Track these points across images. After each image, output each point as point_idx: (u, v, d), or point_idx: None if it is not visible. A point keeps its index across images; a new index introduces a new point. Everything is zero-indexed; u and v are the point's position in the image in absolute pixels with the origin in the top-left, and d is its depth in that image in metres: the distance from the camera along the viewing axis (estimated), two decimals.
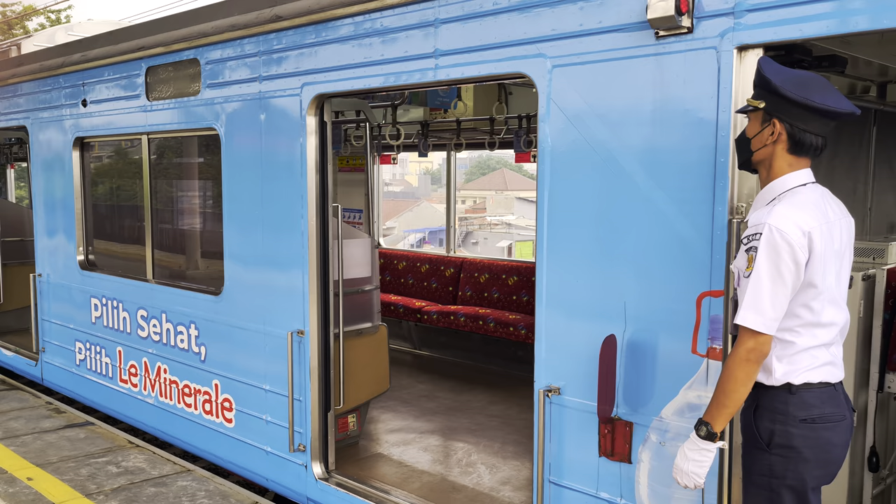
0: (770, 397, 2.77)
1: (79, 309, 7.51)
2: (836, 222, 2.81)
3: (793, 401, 2.73)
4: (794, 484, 2.75)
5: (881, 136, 5.37)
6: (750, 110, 2.87)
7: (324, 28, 4.81)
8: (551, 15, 3.71)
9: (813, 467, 2.74)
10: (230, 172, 5.62)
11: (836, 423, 2.76)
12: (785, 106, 2.72)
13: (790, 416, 2.73)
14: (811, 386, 2.74)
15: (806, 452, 2.72)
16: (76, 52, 7.16)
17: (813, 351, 2.77)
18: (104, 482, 5.74)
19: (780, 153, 2.80)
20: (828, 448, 2.74)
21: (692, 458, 2.81)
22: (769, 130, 2.79)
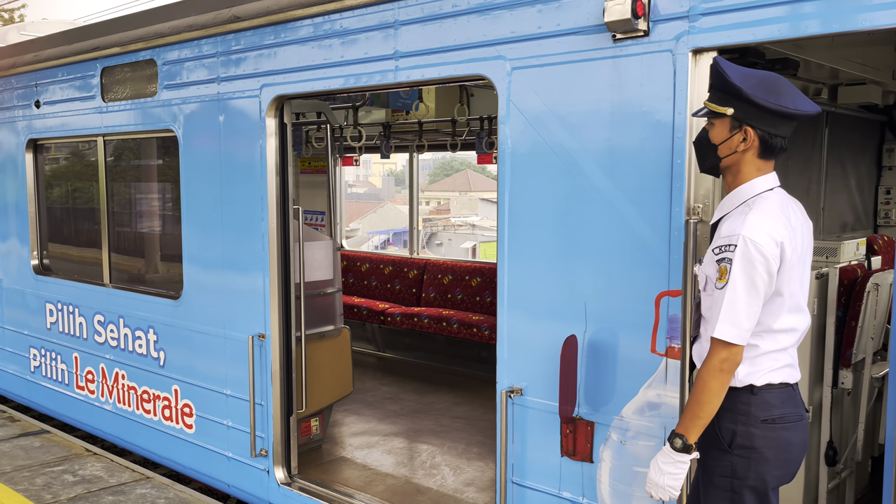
0: (732, 398, 2.77)
1: (33, 314, 7.35)
2: (798, 228, 2.81)
3: (754, 401, 2.75)
4: (756, 484, 2.76)
5: (833, 137, 5.50)
6: (713, 116, 2.80)
7: (283, 29, 4.77)
8: (510, 17, 3.72)
9: (773, 467, 2.76)
10: (188, 175, 5.55)
11: (794, 423, 2.78)
12: (757, 113, 2.68)
13: (752, 416, 2.75)
14: (772, 387, 2.77)
15: (767, 452, 2.74)
16: (29, 52, 7.00)
17: (775, 354, 2.79)
18: (60, 491, 5.62)
19: (749, 158, 2.77)
20: (788, 448, 2.77)
21: (667, 472, 2.77)
22: (739, 137, 2.75)
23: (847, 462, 4.58)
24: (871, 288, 4.27)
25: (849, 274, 4.36)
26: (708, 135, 2.84)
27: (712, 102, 2.79)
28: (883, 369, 4.52)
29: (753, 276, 2.63)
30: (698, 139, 2.92)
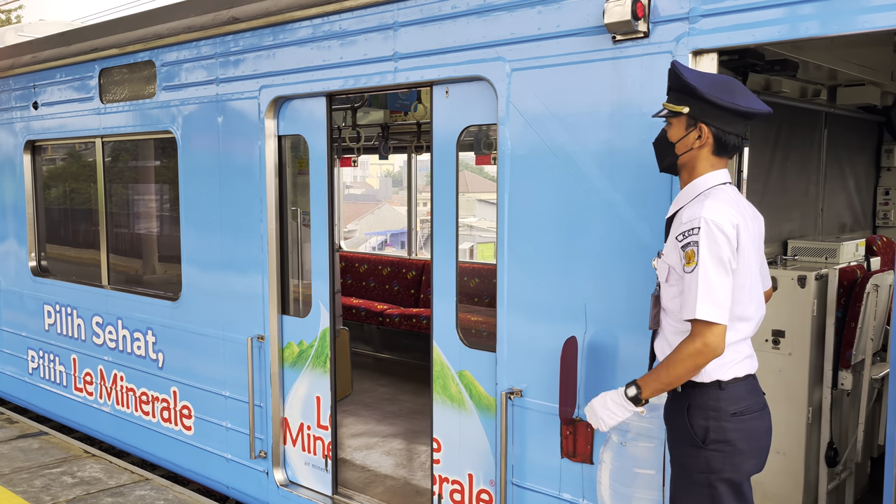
0: (701, 395, 2.83)
1: (31, 316, 7.33)
2: (751, 221, 2.88)
3: (723, 396, 2.80)
4: (732, 476, 2.82)
5: (832, 138, 5.50)
6: (671, 115, 2.89)
7: (282, 30, 4.77)
8: (510, 19, 3.72)
9: (748, 457, 2.82)
10: (187, 176, 5.54)
11: (760, 412, 2.86)
12: (711, 111, 2.78)
13: (722, 411, 2.80)
14: (738, 380, 2.83)
15: (741, 444, 2.80)
16: (27, 54, 6.99)
17: (737, 345, 2.84)
18: (59, 493, 5.61)
19: (704, 155, 2.86)
20: (758, 437, 2.84)
21: (610, 409, 2.93)
22: (695, 135, 2.84)
23: (847, 463, 4.58)
24: (871, 289, 4.27)
25: (848, 275, 4.36)
26: (665, 134, 2.95)
27: (670, 103, 2.89)
28: (882, 370, 4.52)
29: (720, 255, 2.70)
30: (657, 140, 3.01)
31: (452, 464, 4.29)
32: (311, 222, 4.76)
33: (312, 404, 4.89)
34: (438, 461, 4.35)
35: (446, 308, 4.25)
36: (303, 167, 8.13)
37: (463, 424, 4.21)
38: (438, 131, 4.20)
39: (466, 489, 4.23)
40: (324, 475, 4.88)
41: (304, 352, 4.91)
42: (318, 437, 4.87)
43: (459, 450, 4.24)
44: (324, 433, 4.84)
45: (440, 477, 4.35)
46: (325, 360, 4.78)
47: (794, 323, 4.21)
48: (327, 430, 4.82)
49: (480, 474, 4.15)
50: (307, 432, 4.94)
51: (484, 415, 4.09)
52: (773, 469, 4.25)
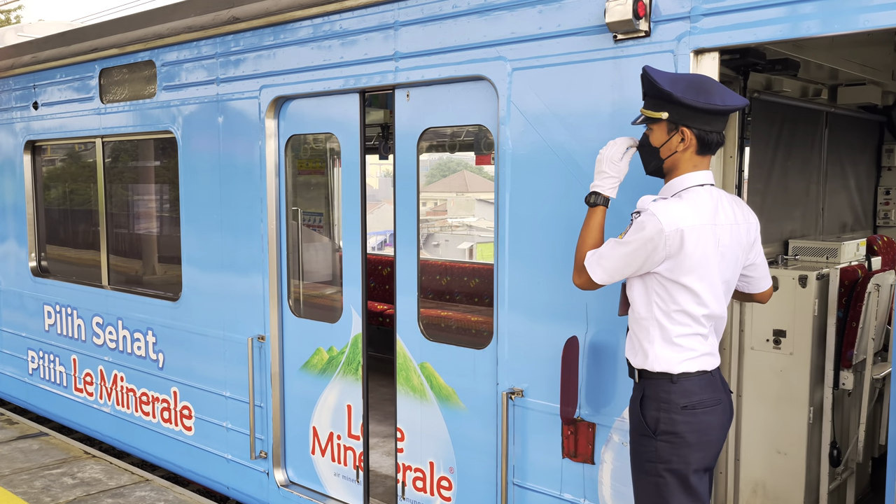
0: (654, 387, 2.93)
1: (31, 317, 7.32)
2: (725, 226, 2.91)
3: (674, 390, 2.88)
4: (679, 467, 2.89)
5: (832, 137, 5.49)
6: (650, 122, 2.93)
7: (282, 30, 4.76)
8: (511, 18, 3.72)
9: (696, 450, 2.88)
10: (187, 176, 5.53)
11: (713, 407, 2.92)
12: (690, 113, 2.82)
13: (673, 403, 2.88)
14: (690, 375, 2.89)
15: (689, 437, 2.87)
16: (27, 54, 6.99)
17: (688, 340, 2.90)
18: (59, 494, 5.60)
19: (688, 156, 2.91)
20: (708, 431, 2.90)
21: (604, 163, 3.03)
22: (678, 138, 2.88)
23: (848, 463, 4.58)
24: (872, 289, 4.27)
25: (849, 275, 4.36)
26: (648, 139, 2.97)
27: (647, 109, 2.93)
28: (883, 370, 4.52)
29: (640, 244, 2.81)
30: (640, 144, 3.03)
31: (415, 452, 4.42)
32: (342, 226, 4.68)
33: (343, 413, 4.76)
34: (402, 450, 4.48)
35: (409, 303, 4.37)
36: (307, 168, 8.09)
37: (424, 414, 4.34)
38: (400, 133, 4.32)
39: (428, 476, 4.36)
40: (355, 487, 4.75)
41: (335, 358, 4.78)
42: (350, 447, 4.74)
43: (421, 439, 4.37)
44: (355, 443, 4.70)
45: (403, 465, 4.47)
46: (356, 367, 4.65)
47: (796, 323, 4.20)
48: (359, 439, 4.68)
49: (441, 462, 4.29)
50: (337, 442, 4.81)
51: (444, 405, 4.24)
52: (774, 469, 4.25)
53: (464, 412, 4.18)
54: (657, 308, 2.90)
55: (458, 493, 4.24)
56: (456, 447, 4.21)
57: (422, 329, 4.36)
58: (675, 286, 2.86)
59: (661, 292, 2.88)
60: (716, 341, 3.01)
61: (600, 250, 2.94)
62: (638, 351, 2.97)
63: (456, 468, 4.23)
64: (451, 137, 8.08)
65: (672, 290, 2.87)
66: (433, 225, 47.44)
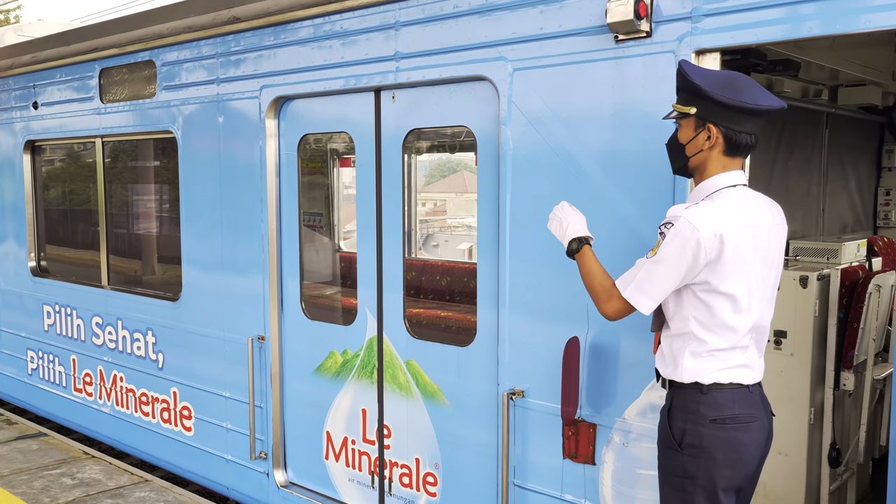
0: (683, 397, 2.79)
1: (31, 317, 7.32)
2: (763, 227, 2.79)
3: (704, 401, 2.74)
4: (706, 484, 2.74)
5: (833, 138, 5.50)
6: (679, 117, 2.84)
7: (283, 30, 4.76)
8: (512, 18, 3.71)
9: (722, 467, 2.73)
10: (188, 176, 5.53)
11: (747, 424, 2.75)
12: (717, 110, 2.71)
13: (701, 415, 2.73)
14: (721, 386, 2.74)
15: (715, 452, 2.72)
16: (26, 54, 6.98)
17: (726, 353, 2.76)
18: (58, 495, 5.59)
19: (716, 156, 2.78)
20: (738, 448, 2.73)
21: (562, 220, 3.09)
22: (704, 135, 2.77)
23: (848, 464, 4.58)
24: (873, 289, 4.27)
25: (850, 275, 4.36)
26: (676, 137, 2.89)
27: (678, 104, 2.83)
28: (884, 371, 4.52)
29: (679, 256, 2.66)
30: (669, 141, 2.94)
31: (401, 449, 4.47)
32: (357, 226, 4.63)
33: (358, 417, 4.70)
34: (389, 446, 4.51)
35: (394, 301, 4.42)
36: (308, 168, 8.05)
37: (410, 411, 4.39)
38: (386, 134, 4.37)
39: (414, 472, 4.41)
40: (370, 492, 4.70)
41: (349, 362, 4.72)
42: (364, 451, 4.69)
43: (407, 435, 4.42)
44: (370, 448, 4.65)
45: (390, 462, 4.51)
46: (371, 371, 4.59)
47: (796, 323, 4.20)
48: (374, 444, 4.63)
49: (426, 458, 4.34)
50: (352, 447, 4.76)
51: (429, 402, 4.30)
52: (774, 470, 4.25)
53: (448, 409, 4.22)
54: (694, 321, 2.75)
55: (443, 488, 4.28)
56: (440, 443, 4.27)
57: (407, 327, 4.39)
58: (714, 295, 2.71)
59: (698, 304, 2.73)
60: (756, 354, 2.84)
61: (637, 277, 2.75)
62: (669, 362, 2.83)
63: (441, 464, 4.28)
64: (451, 138, 8.08)
65: (710, 301, 2.72)
66: (433, 225, 47.35)
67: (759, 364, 2.85)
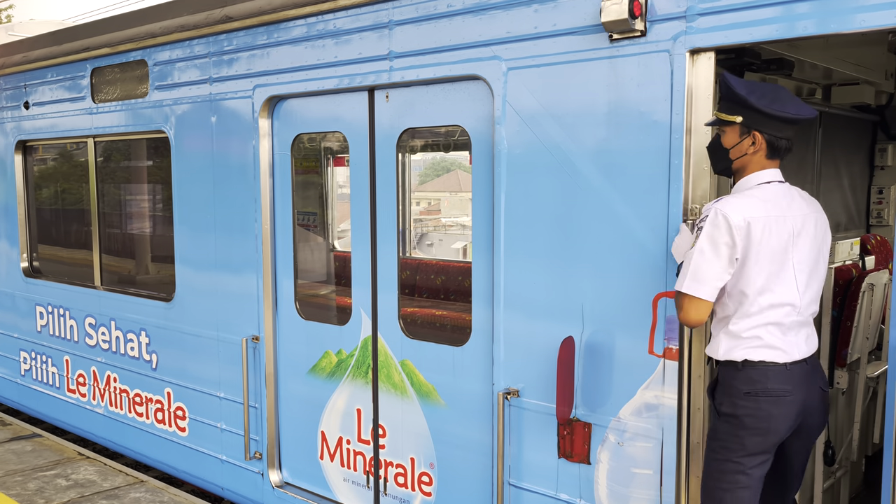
0: (723, 374, 3.10)
1: (23, 317, 7.28)
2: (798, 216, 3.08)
3: (738, 376, 3.03)
4: (734, 447, 3.06)
5: (826, 137, 5.50)
6: (724, 124, 3.09)
7: (276, 29, 4.74)
8: (506, 17, 3.71)
9: (752, 434, 3.03)
10: (181, 176, 5.51)
11: (779, 398, 3.02)
12: (762, 119, 3.00)
13: (735, 389, 3.04)
14: (753, 364, 3.02)
15: (747, 421, 3.02)
16: (17, 53, 6.94)
17: (756, 331, 3.02)
18: (53, 496, 5.57)
19: (758, 159, 3.08)
20: (767, 419, 3.03)
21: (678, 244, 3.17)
22: (749, 141, 3.05)
23: (842, 461, 4.59)
24: (866, 288, 4.28)
25: (843, 274, 4.37)
26: (720, 140, 3.13)
27: (722, 112, 3.08)
28: (878, 369, 4.53)
29: (717, 241, 2.94)
30: (712, 144, 3.18)
31: (396, 449, 4.47)
32: (351, 226, 4.63)
33: (353, 417, 4.69)
34: (384, 446, 4.52)
35: (389, 301, 4.41)
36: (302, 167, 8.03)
37: (405, 411, 4.39)
38: (380, 134, 4.37)
39: (409, 472, 4.41)
40: (365, 492, 4.69)
41: (343, 361, 4.72)
42: (359, 451, 4.68)
43: (402, 435, 4.42)
44: (365, 448, 4.65)
45: (385, 461, 4.52)
46: (366, 371, 4.59)
47: None
48: (369, 444, 4.63)
49: (421, 457, 4.35)
50: (347, 447, 4.76)
51: (424, 401, 4.30)
52: None
53: (443, 408, 4.21)
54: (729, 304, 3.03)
55: (439, 487, 4.28)
56: (436, 443, 4.27)
57: (402, 327, 4.38)
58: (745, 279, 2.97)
59: (730, 287, 3.01)
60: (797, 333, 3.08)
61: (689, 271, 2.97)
62: (712, 343, 3.14)
63: (436, 463, 4.27)
64: (445, 137, 8.07)
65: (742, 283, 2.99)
66: (427, 224, 47.34)
67: (795, 343, 3.08)
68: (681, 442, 3.38)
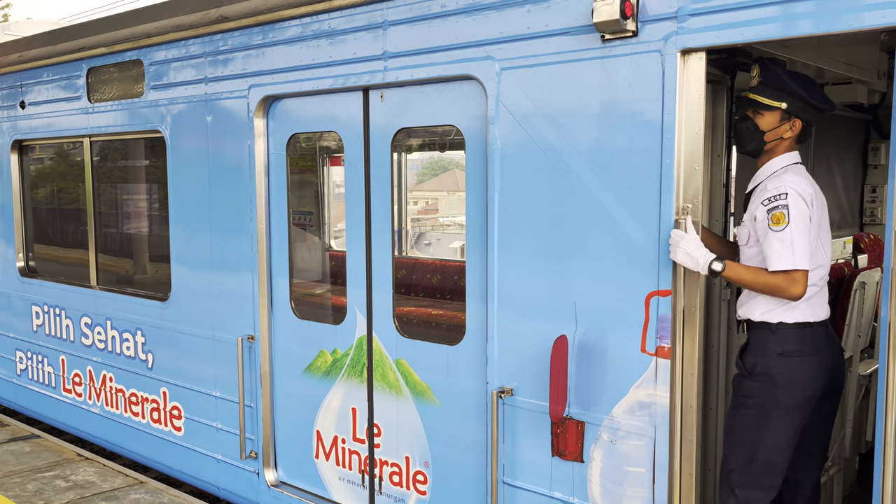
0: (756, 336, 3.37)
1: (19, 317, 7.29)
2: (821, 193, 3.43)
3: (772, 338, 3.32)
4: (767, 403, 3.33)
5: (819, 136, 5.52)
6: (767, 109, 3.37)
7: (271, 29, 4.75)
8: (499, 18, 3.72)
9: (786, 391, 3.30)
10: (176, 176, 5.52)
11: (807, 357, 3.32)
12: (805, 107, 3.34)
13: (769, 350, 3.32)
14: (787, 326, 3.30)
15: (779, 378, 3.30)
16: (13, 53, 6.95)
17: None
18: (52, 497, 5.57)
19: (788, 143, 3.41)
20: (797, 376, 3.31)
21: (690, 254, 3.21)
22: (787, 126, 3.37)
23: (835, 459, 4.61)
24: (858, 286, 4.30)
25: (836, 272, 4.38)
26: (753, 123, 3.42)
27: (766, 97, 3.37)
28: (870, 367, 4.55)
29: (804, 217, 3.22)
30: (743, 127, 3.46)
31: (391, 448, 4.49)
32: (346, 225, 4.63)
33: (348, 416, 4.71)
34: (379, 445, 4.54)
35: (384, 300, 4.43)
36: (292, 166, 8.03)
37: (400, 410, 4.41)
38: (375, 133, 4.38)
39: (404, 471, 4.44)
40: (360, 491, 4.71)
41: (339, 360, 4.73)
42: (355, 450, 4.70)
43: (397, 434, 4.44)
44: (360, 447, 4.67)
45: (380, 460, 4.54)
46: (361, 370, 4.60)
47: None
48: (364, 443, 4.65)
49: (416, 456, 4.37)
50: (342, 446, 4.77)
51: (418, 400, 4.33)
52: None
53: (438, 407, 4.23)
54: None
55: (433, 486, 4.31)
56: (430, 442, 4.30)
57: (397, 326, 4.40)
58: None
59: None
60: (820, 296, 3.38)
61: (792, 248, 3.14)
62: (745, 304, 3.40)
63: (431, 462, 4.30)
64: (441, 136, 8.08)
65: None
66: (425, 224, 47.27)
67: (822, 305, 3.40)
68: (673, 440, 3.39)
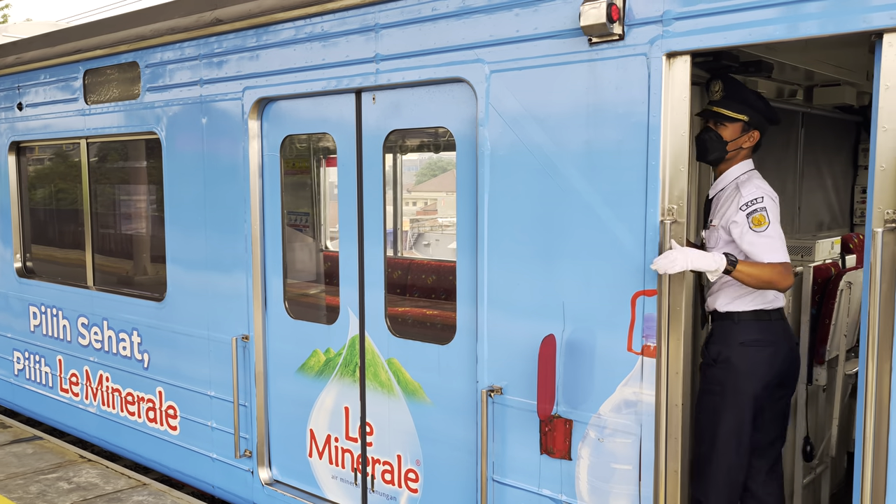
0: (720, 326, 3.67)
1: (17, 317, 7.33)
2: None
3: (735, 329, 3.62)
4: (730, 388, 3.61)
5: (808, 137, 5.57)
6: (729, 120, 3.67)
7: (265, 32, 4.80)
8: (489, 21, 3.77)
9: (746, 378, 3.59)
10: (172, 177, 5.56)
11: (764, 347, 3.61)
12: (763, 121, 3.71)
13: (732, 339, 3.62)
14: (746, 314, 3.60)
15: (739, 366, 3.59)
16: (10, 55, 6.99)
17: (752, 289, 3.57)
18: (55, 499, 5.57)
19: (746, 152, 3.74)
20: (755, 366, 3.59)
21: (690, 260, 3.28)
22: (747, 137, 3.70)
23: (822, 457, 4.66)
24: (844, 286, 4.35)
25: (822, 272, 4.44)
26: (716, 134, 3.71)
27: (730, 110, 3.66)
28: (856, 366, 4.59)
29: (777, 216, 3.55)
30: (706, 137, 3.73)
31: (383, 446, 4.54)
32: (339, 225, 4.70)
33: (340, 415, 4.75)
34: (371, 444, 4.59)
35: (376, 300, 4.49)
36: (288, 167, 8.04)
37: (392, 409, 4.46)
38: (367, 135, 4.44)
39: (396, 469, 4.49)
40: (353, 489, 4.75)
41: (332, 360, 4.77)
42: (347, 449, 4.74)
43: (389, 433, 4.50)
44: (353, 445, 4.71)
45: (373, 459, 4.60)
46: (353, 369, 4.64)
47: None
48: (357, 442, 4.69)
49: (408, 455, 4.43)
50: (335, 444, 4.82)
51: (410, 399, 4.39)
52: None
53: (429, 406, 4.29)
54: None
55: (425, 484, 4.35)
56: (422, 440, 4.35)
57: (389, 326, 4.45)
58: None
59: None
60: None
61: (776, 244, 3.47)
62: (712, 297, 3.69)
63: (422, 460, 4.35)
64: (434, 137, 8.13)
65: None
66: (424, 224, 47.28)
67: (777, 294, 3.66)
68: (659, 438, 3.43)
